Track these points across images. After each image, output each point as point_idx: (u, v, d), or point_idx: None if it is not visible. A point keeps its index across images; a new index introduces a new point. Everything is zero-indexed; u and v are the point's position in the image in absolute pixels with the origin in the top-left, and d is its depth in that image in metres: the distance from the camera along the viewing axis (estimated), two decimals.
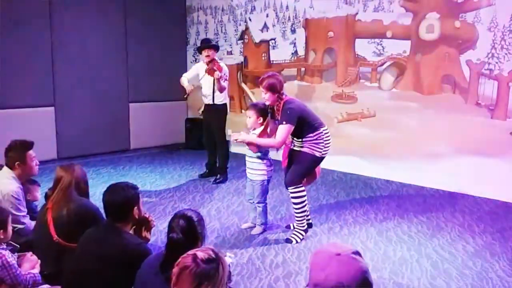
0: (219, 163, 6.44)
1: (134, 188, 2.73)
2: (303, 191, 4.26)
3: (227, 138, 6.46)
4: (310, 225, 4.58)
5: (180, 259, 1.79)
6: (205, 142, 6.73)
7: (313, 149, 4.19)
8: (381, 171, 6.58)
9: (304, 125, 4.17)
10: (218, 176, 6.36)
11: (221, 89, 6.12)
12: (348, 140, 6.85)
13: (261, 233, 4.45)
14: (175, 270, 1.76)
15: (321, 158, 4.27)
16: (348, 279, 1.44)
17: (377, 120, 6.69)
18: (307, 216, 4.46)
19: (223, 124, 6.38)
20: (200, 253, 1.78)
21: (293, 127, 4.11)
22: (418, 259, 3.90)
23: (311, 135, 4.17)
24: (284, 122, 4.10)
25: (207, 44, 6.20)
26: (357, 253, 1.54)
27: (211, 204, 5.37)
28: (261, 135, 4.29)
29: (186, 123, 8.95)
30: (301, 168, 4.26)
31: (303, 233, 4.30)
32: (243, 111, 8.53)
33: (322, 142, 4.18)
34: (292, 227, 4.57)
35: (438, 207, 5.33)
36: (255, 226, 4.55)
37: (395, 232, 4.52)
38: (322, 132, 4.19)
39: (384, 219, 4.91)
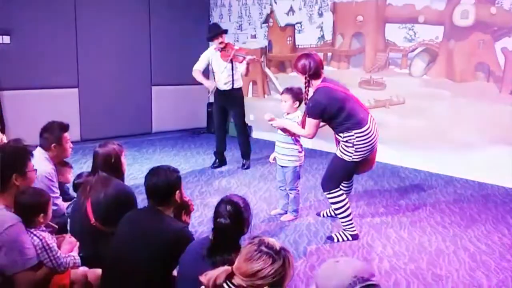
0: (243, 149, 6.29)
1: (176, 171, 2.67)
2: (341, 195, 3.86)
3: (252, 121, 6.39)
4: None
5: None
6: (216, 129, 6.30)
7: (342, 153, 3.80)
8: (408, 160, 6.46)
9: (332, 122, 3.78)
10: (245, 161, 6.27)
11: (248, 74, 5.95)
12: None
13: (292, 220, 4.39)
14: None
15: (354, 163, 3.81)
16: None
17: (406, 107, 6.54)
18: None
19: (244, 108, 6.23)
20: (269, 239, 1.82)
21: (318, 121, 3.75)
22: (454, 251, 3.81)
23: (341, 135, 3.77)
24: (307, 115, 3.78)
25: (219, 30, 5.84)
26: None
27: (238, 190, 5.29)
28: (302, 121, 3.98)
29: (207, 107, 8.88)
30: (332, 173, 3.91)
31: (350, 237, 3.93)
32: (266, 96, 8.44)
33: (352, 147, 3.72)
34: (322, 215, 4.51)
35: (470, 198, 5.22)
36: (285, 213, 4.48)
37: (428, 222, 4.43)
38: (353, 135, 3.69)
39: (416, 209, 4.82)
